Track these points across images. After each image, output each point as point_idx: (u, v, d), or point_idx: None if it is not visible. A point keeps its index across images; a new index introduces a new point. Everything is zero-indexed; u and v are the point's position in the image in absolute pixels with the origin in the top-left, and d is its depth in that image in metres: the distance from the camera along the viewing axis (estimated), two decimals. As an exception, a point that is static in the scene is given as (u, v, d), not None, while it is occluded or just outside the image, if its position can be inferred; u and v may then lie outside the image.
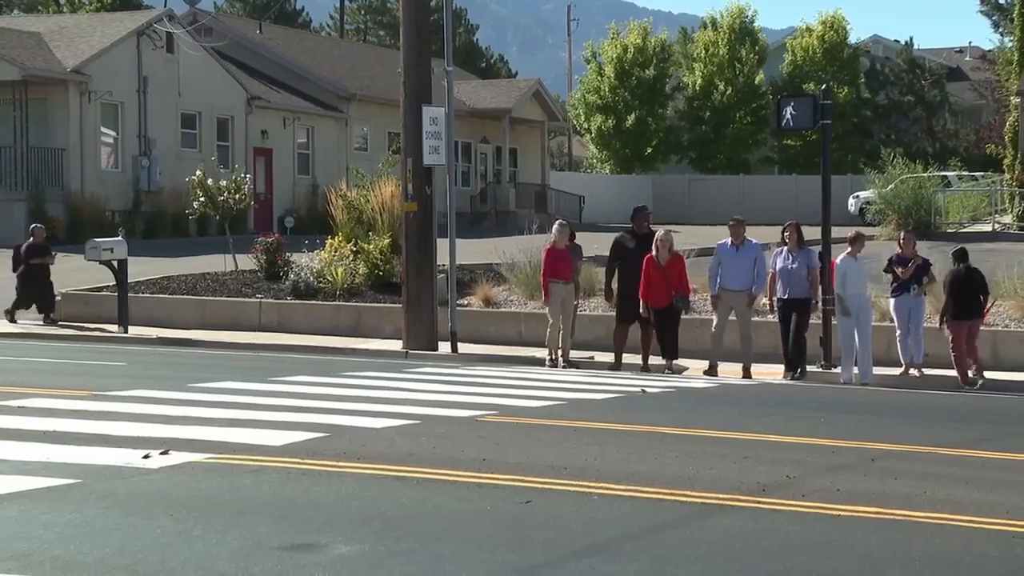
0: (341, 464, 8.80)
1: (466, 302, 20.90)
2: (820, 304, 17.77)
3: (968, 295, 17.19)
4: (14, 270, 22.15)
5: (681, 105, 57.70)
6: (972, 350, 17.30)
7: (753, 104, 56.13)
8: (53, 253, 22.36)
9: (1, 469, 8.36)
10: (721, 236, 19.16)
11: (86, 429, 10.09)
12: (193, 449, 9.20)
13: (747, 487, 8.44)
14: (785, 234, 17.80)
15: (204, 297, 22.03)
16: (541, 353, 18.12)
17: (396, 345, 19.17)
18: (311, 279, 22.00)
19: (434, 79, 19.98)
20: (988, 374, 17.34)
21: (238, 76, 40.79)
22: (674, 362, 17.65)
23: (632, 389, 14.58)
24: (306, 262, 22.69)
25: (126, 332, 19.98)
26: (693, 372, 17.32)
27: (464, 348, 18.68)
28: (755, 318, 18.75)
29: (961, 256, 17.51)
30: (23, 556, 6.37)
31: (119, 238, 21.31)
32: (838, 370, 17.46)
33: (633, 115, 54.76)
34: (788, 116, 18.57)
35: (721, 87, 55.69)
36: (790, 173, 56.22)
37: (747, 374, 17.42)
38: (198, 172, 25.30)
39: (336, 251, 22.65)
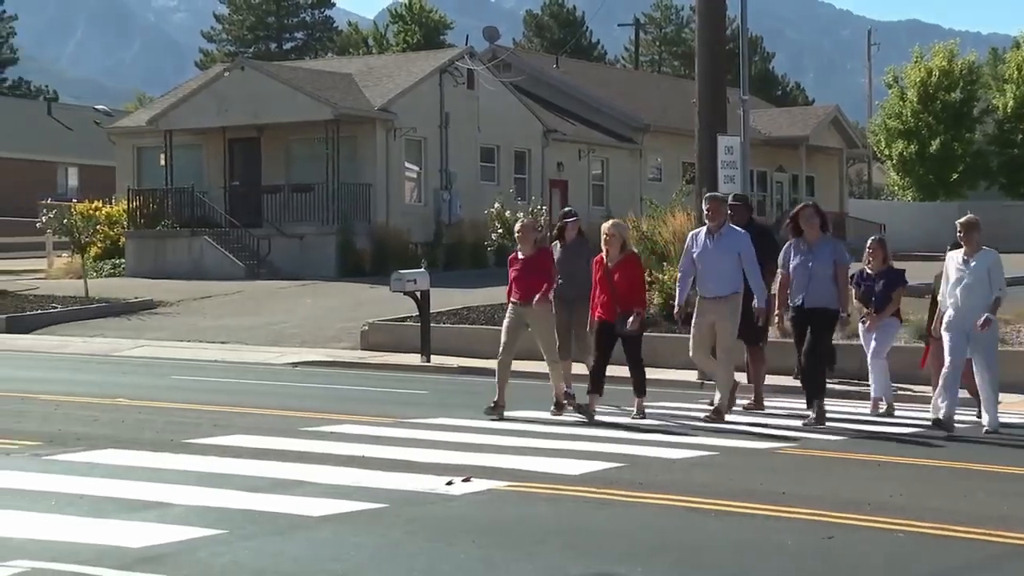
0: (637, 494, 8.82)
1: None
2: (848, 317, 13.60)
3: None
4: None
5: (990, 129, 55.34)
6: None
7: (1073, 125, 53.27)
8: None
9: (315, 492, 8.76)
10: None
11: (391, 455, 10.46)
12: (493, 476, 9.40)
13: (1065, 529, 7.99)
14: (800, 221, 13.12)
15: (502, 328, 22.43)
16: (840, 386, 17.29)
17: (691, 375, 19.04)
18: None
19: (729, 108, 19.85)
20: None
21: (535, 110, 41.58)
22: (643, 403, 13.37)
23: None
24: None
25: (428, 361, 20.59)
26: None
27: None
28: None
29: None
30: None
31: (422, 270, 22.00)
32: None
33: (938, 140, 52.82)
34: None
35: (1034, 109, 53.13)
36: (1115, 197, 53.07)
37: (717, 415, 13.04)
38: (496, 204, 25.90)
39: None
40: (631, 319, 13.09)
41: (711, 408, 13.24)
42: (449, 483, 9.08)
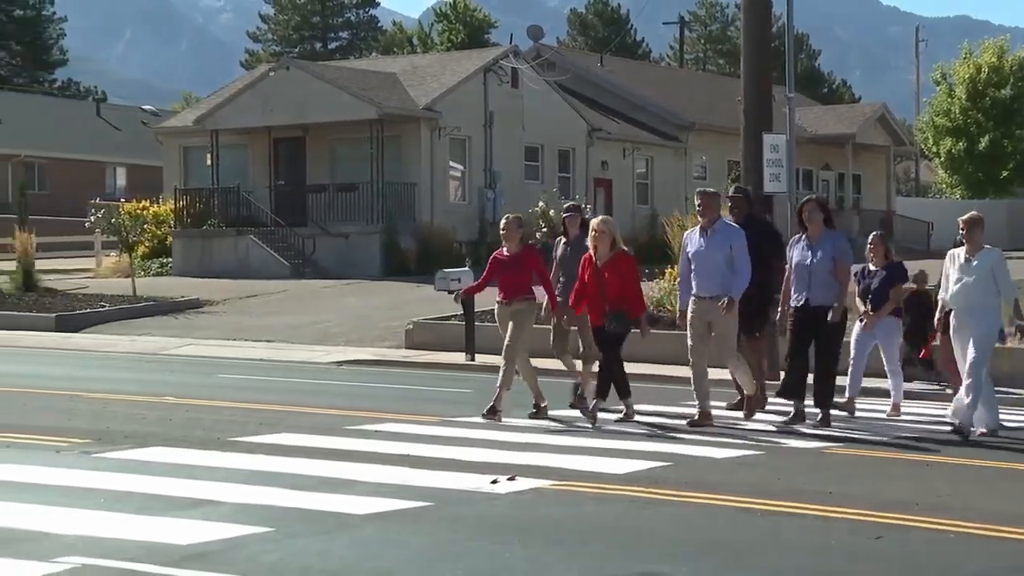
0: (683, 494, 8.79)
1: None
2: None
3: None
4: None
5: (1040, 125, 54.80)
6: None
7: None
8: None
9: (360, 491, 8.79)
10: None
11: (437, 454, 10.48)
12: (538, 475, 9.40)
13: (1118, 531, 7.89)
14: (803, 214, 12.68)
15: (546, 326, 22.43)
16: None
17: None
18: (650, 308, 22.08)
19: (775, 106, 19.75)
20: None
21: (579, 108, 41.53)
22: (629, 403, 12.76)
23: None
24: (646, 292, 22.80)
25: (473, 360, 20.61)
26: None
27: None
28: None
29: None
30: (381, 575, 6.68)
31: (466, 268, 22.03)
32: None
33: (987, 137, 52.36)
34: None
35: (1087, 104, 52.53)
36: None
37: (750, 410, 13.05)
38: (540, 203, 25.90)
39: (675, 280, 22.66)
40: (623, 323, 12.49)
41: (747, 407, 13.11)
42: (494, 482, 9.08)
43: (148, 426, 12.10)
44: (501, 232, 13.29)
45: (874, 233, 14.86)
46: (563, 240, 14.09)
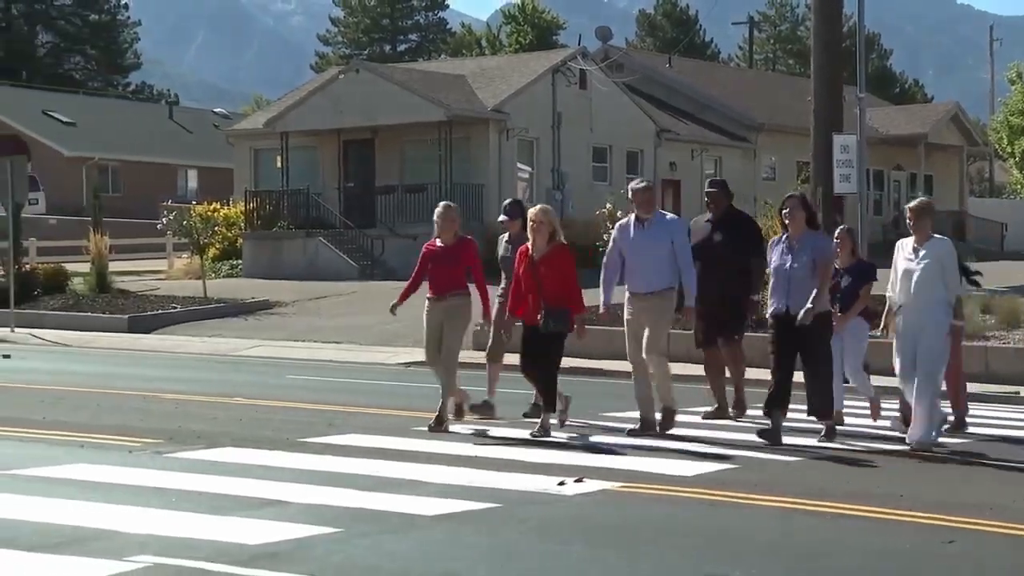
0: (751, 496, 8.74)
1: (875, 333, 19.96)
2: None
3: None
4: None
5: (1119, 124, 53.83)
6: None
7: None
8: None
9: (427, 492, 8.82)
10: None
11: (503, 455, 10.50)
12: (606, 477, 9.39)
13: None
14: (784, 211, 11.44)
15: (612, 328, 22.34)
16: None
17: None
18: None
19: (845, 106, 19.61)
20: None
21: (647, 109, 41.42)
22: (558, 415, 11.82)
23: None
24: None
25: (541, 361, 20.64)
26: None
27: (877, 380, 17.99)
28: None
29: None
30: (448, 575, 6.71)
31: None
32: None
33: (1061, 137, 51.60)
34: None
35: None
36: None
37: (667, 422, 11.73)
38: (608, 205, 25.82)
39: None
40: (563, 320, 11.48)
41: (663, 419, 11.77)
42: (561, 483, 9.07)
43: (219, 426, 12.22)
44: (435, 220, 12.24)
45: (840, 228, 13.29)
46: (505, 238, 13.13)
